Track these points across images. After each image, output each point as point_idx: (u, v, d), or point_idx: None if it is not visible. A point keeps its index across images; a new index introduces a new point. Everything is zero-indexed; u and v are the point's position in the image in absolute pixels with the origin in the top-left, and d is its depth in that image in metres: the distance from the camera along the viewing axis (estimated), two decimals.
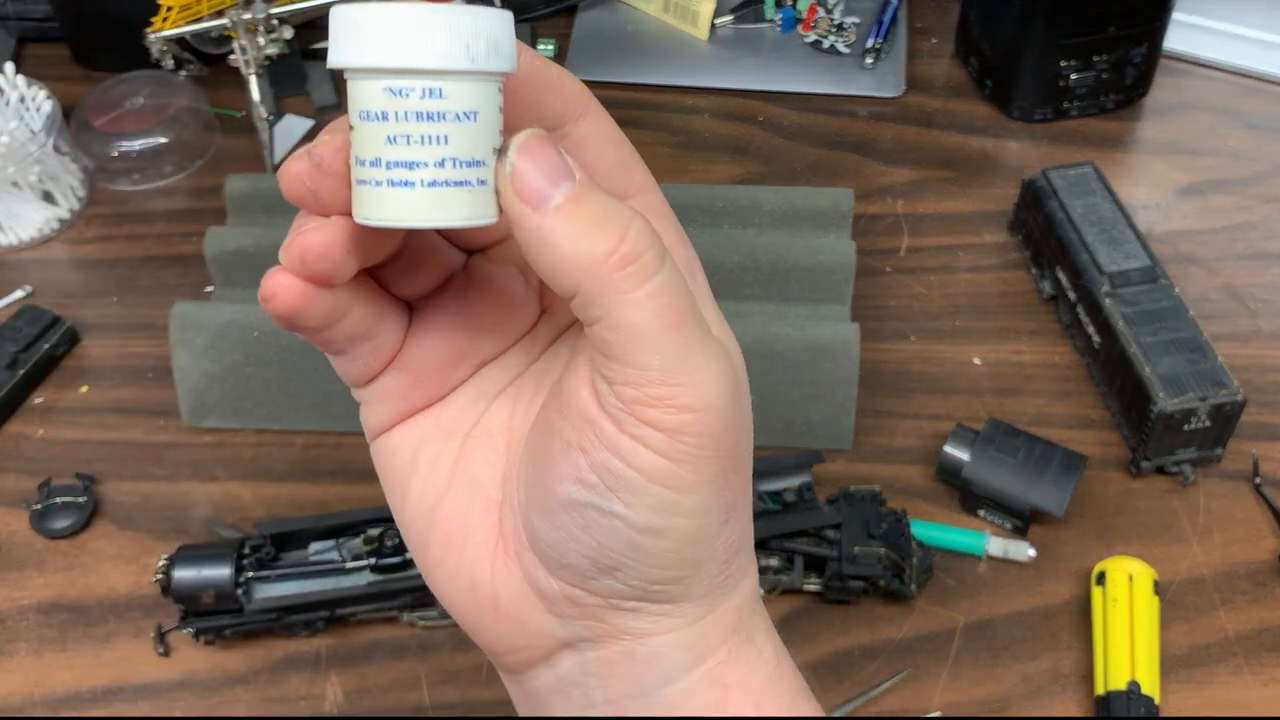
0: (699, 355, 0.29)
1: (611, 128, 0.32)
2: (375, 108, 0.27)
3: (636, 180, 0.33)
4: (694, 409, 0.29)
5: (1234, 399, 0.65)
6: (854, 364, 0.67)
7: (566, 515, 0.31)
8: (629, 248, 0.28)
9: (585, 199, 0.28)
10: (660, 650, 0.32)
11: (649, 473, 0.30)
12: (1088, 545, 0.65)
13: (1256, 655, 0.61)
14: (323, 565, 0.60)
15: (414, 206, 0.28)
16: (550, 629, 0.33)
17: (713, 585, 0.32)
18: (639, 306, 0.28)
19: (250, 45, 0.83)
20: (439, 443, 0.35)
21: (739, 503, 0.32)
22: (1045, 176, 0.76)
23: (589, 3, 0.96)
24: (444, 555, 0.34)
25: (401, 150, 0.27)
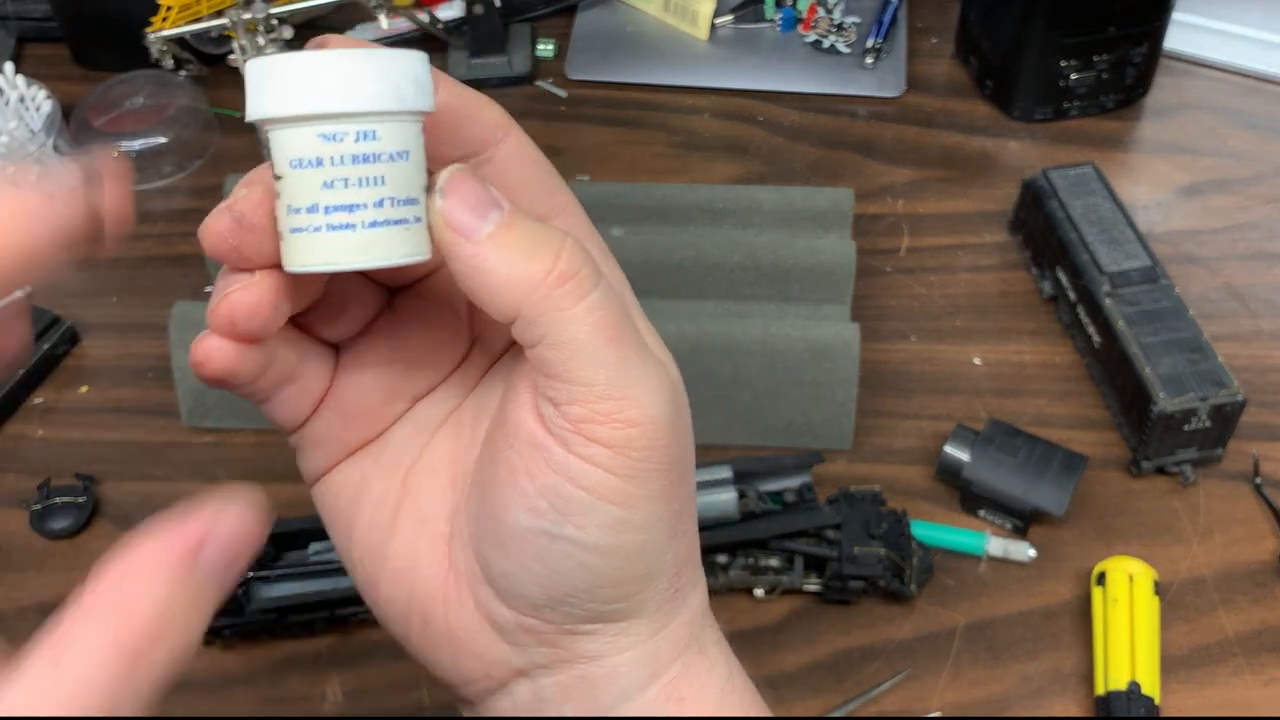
0: (639, 368, 0.30)
1: (532, 150, 0.33)
2: (309, 154, 0.28)
3: (559, 201, 0.33)
4: (639, 422, 0.30)
5: (1234, 399, 0.64)
6: (854, 364, 0.67)
7: (517, 545, 0.31)
8: (564, 265, 0.29)
9: (515, 225, 0.29)
10: (615, 670, 0.33)
11: (598, 491, 0.30)
12: (1088, 545, 0.65)
13: (1257, 655, 0.61)
14: (323, 565, 0.60)
15: (356, 248, 0.28)
16: (506, 658, 0.33)
17: (664, 599, 0.33)
18: (579, 322, 0.29)
19: (250, 45, 0.83)
20: (381, 480, 0.35)
21: (684, 514, 0.33)
22: (1045, 176, 0.76)
23: (589, 3, 0.96)
24: (394, 593, 0.34)
25: (339, 194, 0.28)
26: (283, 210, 0.28)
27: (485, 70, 0.91)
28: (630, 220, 0.74)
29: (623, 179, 0.84)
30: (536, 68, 0.92)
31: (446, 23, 0.92)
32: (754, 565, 0.62)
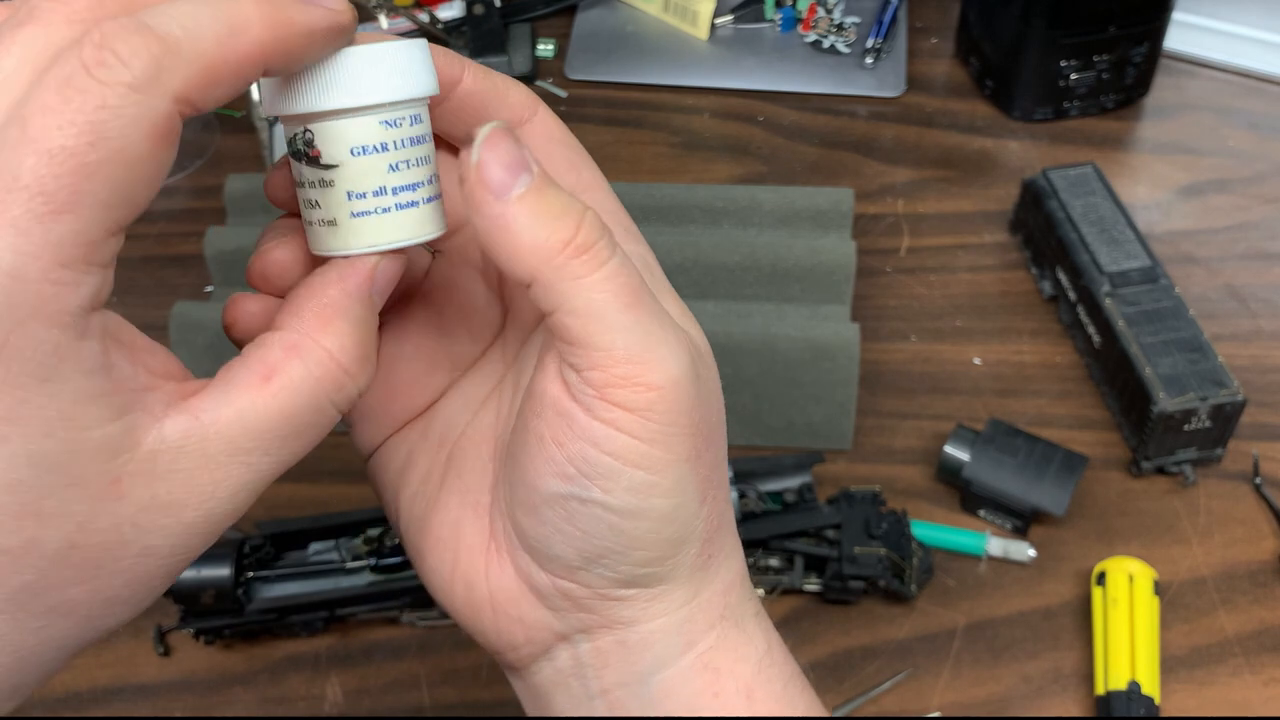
0: (658, 333, 0.30)
1: (559, 129, 0.34)
2: (373, 141, 0.29)
3: (585, 178, 0.34)
4: (660, 385, 0.30)
5: (1234, 399, 0.65)
6: (854, 364, 0.67)
7: (549, 509, 0.32)
8: (583, 237, 0.29)
9: (543, 191, 0.29)
10: (650, 637, 0.34)
11: (624, 456, 0.30)
12: (1088, 545, 0.65)
13: (1257, 655, 0.61)
14: (323, 565, 0.60)
15: (420, 221, 0.30)
16: (546, 623, 0.34)
17: (696, 565, 0.33)
18: (596, 289, 0.29)
19: None
20: (428, 454, 0.36)
21: (714, 480, 0.33)
22: (1045, 176, 0.76)
23: (589, 3, 0.96)
24: (439, 562, 0.35)
25: (403, 175, 0.30)
26: (338, 197, 0.30)
27: None
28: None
29: (623, 179, 0.84)
30: (536, 68, 0.92)
31: (446, 23, 0.92)
32: (754, 565, 0.62)
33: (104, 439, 0.26)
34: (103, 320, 0.26)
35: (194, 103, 0.25)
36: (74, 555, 0.26)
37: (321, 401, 0.29)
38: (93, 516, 0.26)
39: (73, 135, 0.24)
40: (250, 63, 0.26)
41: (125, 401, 0.26)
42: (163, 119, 0.25)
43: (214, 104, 0.26)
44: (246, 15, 0.26)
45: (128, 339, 0.27)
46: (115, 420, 0.26)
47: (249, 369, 0.28)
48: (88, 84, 0.24)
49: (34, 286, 0.24)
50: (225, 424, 0.27)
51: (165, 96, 0.25)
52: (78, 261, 0.25)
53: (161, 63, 0.25)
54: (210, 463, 0.27)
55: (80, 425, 0.25)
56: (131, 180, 0.25)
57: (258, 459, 0.28)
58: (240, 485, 0.28)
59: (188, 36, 0.25)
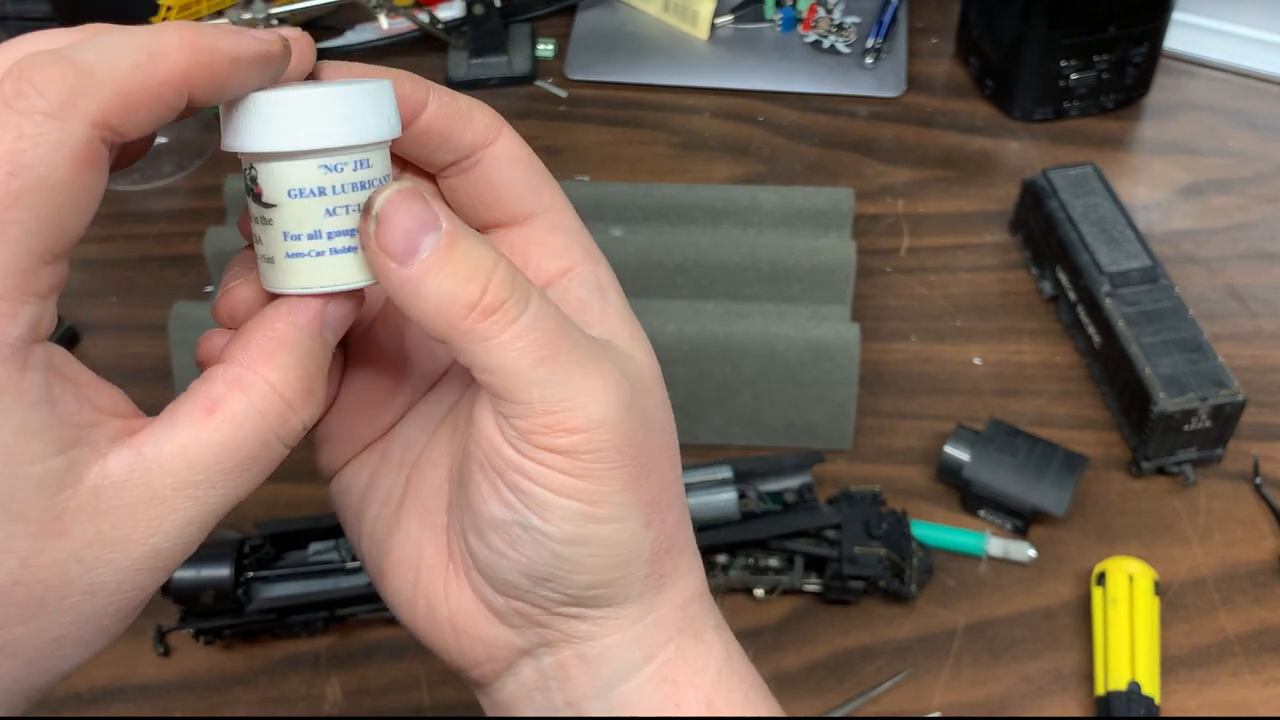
0: (578, 379, 0.30)
1: (521, 149, 0.34)
2: (311, 185, 0.29)
3: (545, 198, 0.34)
4: (583, 429, 0.30)
5: (1234, 399, 0.64)
6: (854, 364, 0.67)
7: (494, 534, 0.32)
8: (490, 298, 0.29)
9: (451, 250, 0.29)
10: (608, 651, 0.34)
11: (558, 490, 0.31)
12: (1088, 545, 0.65)
13: (1257, 655, 0.61)
14: (323, 565, 0.60)
15: (358, 268, 0.30)
16: (506, 639, 0.34)
17: (647, 586, 0.34)
18: (506, 349, 0.29)
19: None
20: (388, 476, 0.36)
21: (661, 503, 0.33)
22: (1045, 176, 0.76)
23: (589, 3, 0.96)
24: (400, 583, 0.35)
25: (342, 220, 0.29)
26: (275, 236, 0.30)
27: (485, 70, 0.91)
28: (630, 220, 0.74)
29: (623, 179, 0.84)
30: (536, 68, 0.92)
31: (446, 23, 0.92)
32: (754, 565, 0.62)
33: (46, 473, 0.25)
34: (47, 354, 0.26)
35: (114, 127, 0.25)
36: (17, 592, 0.26)
37: (265, 435, 0.29)
38: (36, 553, 0.26)
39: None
40: (169, 88, 0.26)
41: (69, 436, 0.26)
42: (82, 144, 0.25)
43: (139, 129, 0.26)
44: (166, 41, 0.26)
45: (73, 374, 0.27)
46: (58, 455, 0.26)
47: (193, 402, 0.28)
48: (6, 116, 0.24)
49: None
50: (169, 458, 0.27)
51: (82, 122, 0.25)
52: (12, 291, 0.24)
53: (76, 89, 0.25)
54: (155, 497, 0.27)
55: (23, 459, 0.25)
56: (56, 206, 0.25)
57: (204, 493, 0.28)
58: (187, 520, 0.28)
59: (103, 63, 0.25)
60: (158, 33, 0.26)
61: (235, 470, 0.28)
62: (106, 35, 0.26)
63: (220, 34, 0.27)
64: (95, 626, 0.27)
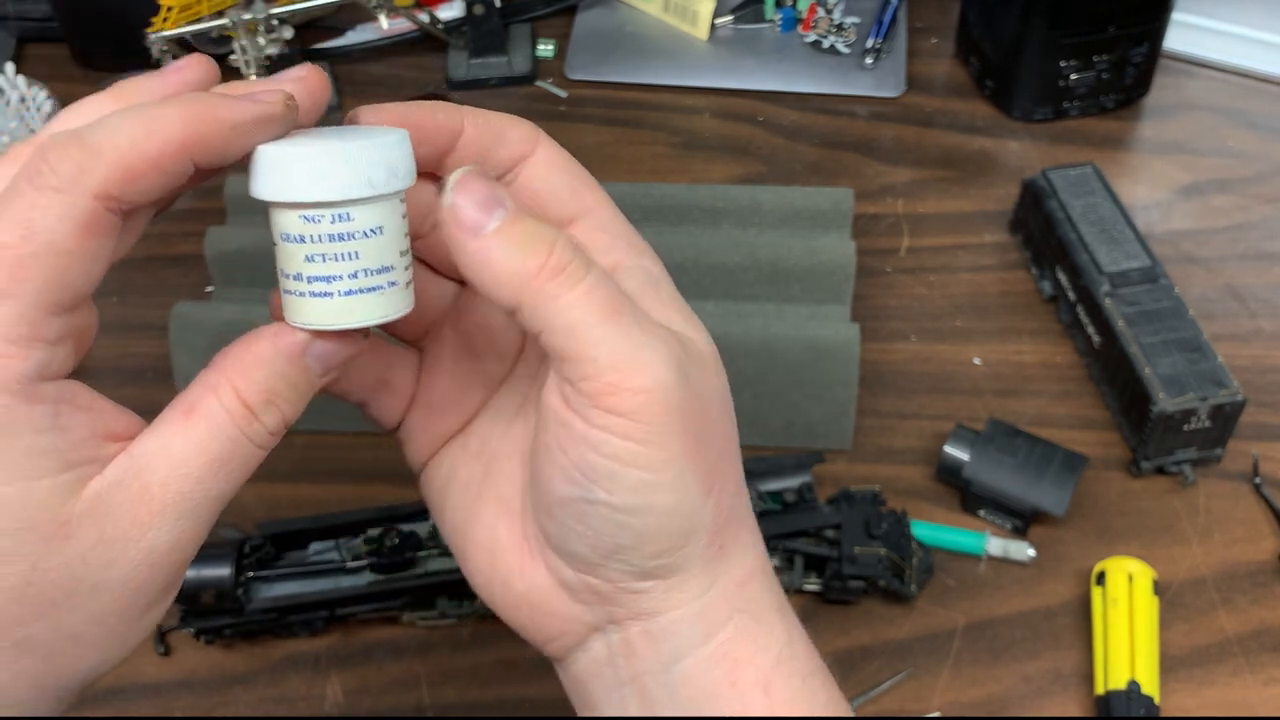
0: (639, 338, 0.32)
1: (561, 157, 0.37)
2: (294, 232, 0.32)
3: (588, 200, 0.37)
4: (646, 389, 0.32)
5: (1234, 399, 0.65)
6: (854, 364, 0.67)
7: (562, 511, 0.34)
8: (556, 260, 0.32)
9: (516, 223, 0.32)
10: (671, 627, 0.36)
11: (621, 458, 0.33)
12: (1088, 545, 0.65)
13: (1256, 655, 0.61)
14: (323, 565, 0.60)
15: (334, 312, 0.32)
16: (578, 615, 0.37)
17: (709, 556, 0.35)
18: (573, 306, 0.32)
19: (250, 45, 0.83)
20: (467, 466, 0.39)
21: (719, 472, 0.35)
22: (1045, 176, 0.76)
23: (589, 3, 0.96)
24: (479, 564, 0.38)
25: (319, 266, 0.32)
26: (278, 271, 0.33)
27: (485, 70, 0.91)
28: (630, 220, 0.74)
29: (623, 179, 0.84)
30: (536, 68, 0.92)
31: (446, 23, 0.92)
32: None
33: (53, 487, 0.29)
34: (59, 389, 0.30)
35: (117, 198, 0.29)
36: (29, 591, 0.29)
37: (233, 433, 0.32)
38: (45, 555, 0.29)
39: (9, 232, 0.28)
40: (169, 158, 0.29)
41: (76, 456, 0.30)
42: (86, 214, 0.29)
43: (144, 195, 0.29)
44: (166, 116, 0.29)
45: (87, 404, 0.31)
46: (64, 471, 0.29)
47: (175, 407, 0.32)
48: (24, 189, 0.29)
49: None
50: (154, 455, 0.31)
51: (85, 194, 0.28)
52: (23, 338, 0.28)
53: (82, 166, 0.28)
54: (146, 494, 0.30)
55: (31, 475, 0.29)
56: (63, 269, 0.29)
57: (190, 487, 0.31)
58: (176, 515, 0.31)
59: (108, 140, 0.29)
60: (162, 108, 0.29)
61: (214, 466, 0.31)
62: (117, 113, 0.29)
63: (220, 103, 0.30)
64: (105, 627, 0.31)
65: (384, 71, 0.92)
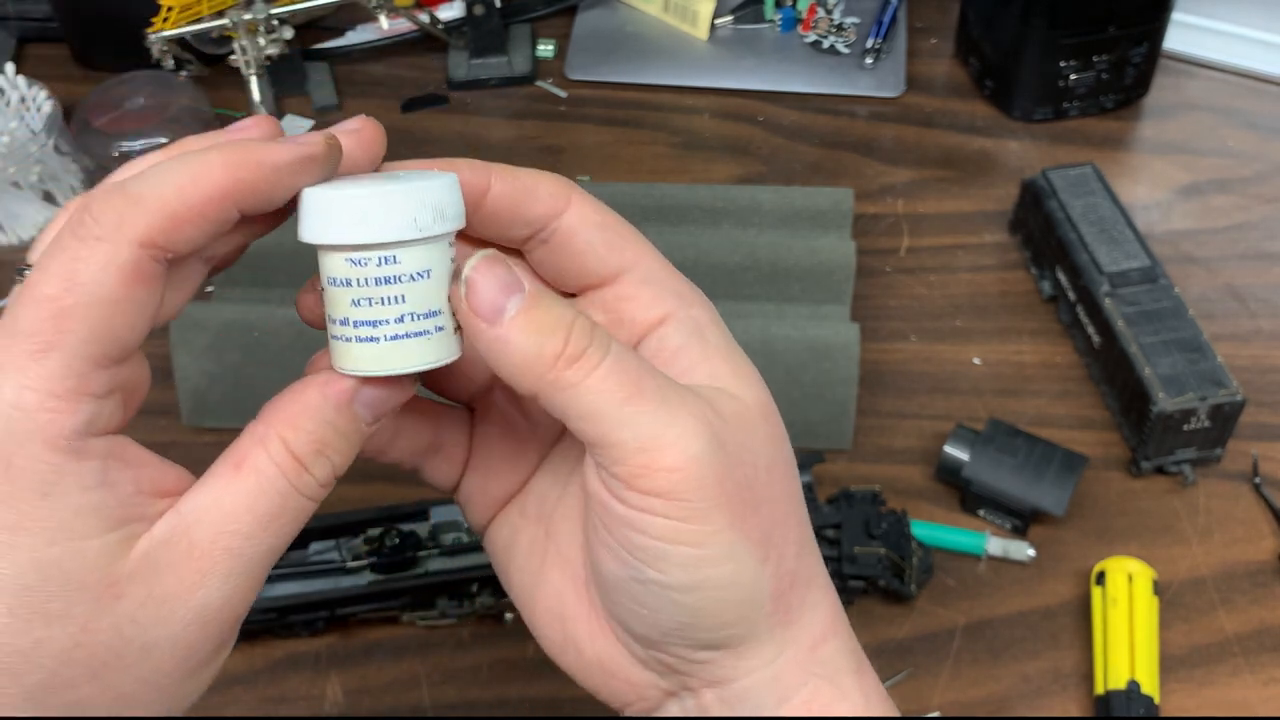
0: (665, 415, 0.31)
1: (595, 212, 0.35)
2: (340, 275, 0.31)
3: (629, 255, 0.35)
4: (679, 466, 0.31)
5: (1234, 399, 0.65)
6: (854, 364, 0.67)
7: (617, 591, 0.34)
8: (572, 347, 0.31)
9: (533, 310, 0.31)
10: (745, 693, 0.35)
11: (665, 537, 0.32)
12: (1088, 545, 0.65)
13: (1256, 655, 0.61)
14: (323, 565, 0.60)
15: (381, 358, 0.31)
16: (651, 682, 0.36)
17: (775, 622, 0.34)
18: (592, 391, 0.31)
19: (250, 45, 0.84)
20: (527, 529, 0.38)
21: (775, 536, 0.33)
22: (1045, 176, 0.76)
23: (589, 3, 0.96)
24: (549, 630, 0.37)
25: (365, 311, 0.31)
26: (325, 318, 0.32)
27: (485, 70, 0.91)
28: (630, 220, 0.74)
29: (623, 179, 0.84)
30: (536, 68, 0.92)
31: (447, 23, 0.92)
32: None
33: (102, 547, 0.29)
34: (107, 444, 0.29)
35: (161, 245, 0.29)
36: (79, 654, 0.28)
37: (283, 486, 0.31)
38: (95, 616, 0.28)
39: (54, 284, 0.28)
40: (214, 204, 0.29)
41: (124, 514, 0.29)
42: (129, 263, 0.28)
43: (190, 244, 0.29)
44: (210, 163, 0.29)
45: (135, 459, 0.30)
46: (113, 530, 0.29)
47: (224, 460, 0.31)
48: (69, 242, 0.28)
49: (33, 414, 0.28)
50: (204, 511, 0.30)
51: (128, 244, 0.28)
52: (69, 393, 0.28)
53: (124, 215, 0.28)
54: (195, 551, 0.30)
55: (79, 535, 0.28)
56: (108, 319, 0.28)
57: (239, 543, 0.30)
58: (227, 572, 0.30)
59: (151, 190, 0.29)
60: (203, 154, 0.29)
61: (264, 520, 0.31)
62: (160, 163, 0.29)
63: (261, 147, 0.30)
64: (155, 687, 0.30)
65: (384, 71, 0.92)
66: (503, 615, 0.61)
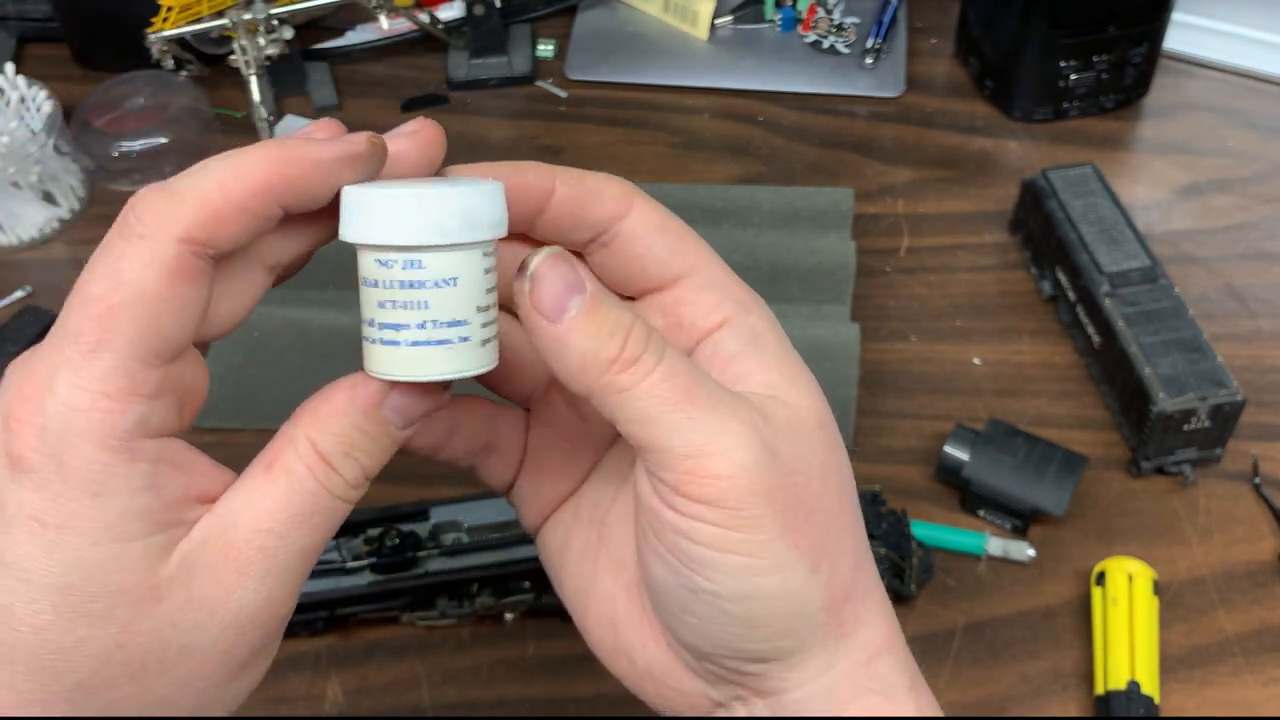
0: (715, 422, 0.31)
1: (657, 216, 0.35)
2: (369, 276, 0.31)
3: (689, 259, 0.35)
4: (727, 474, 0.31)
5: (1234, 399, 0.65)
6: (854, 364, 0.67)
7: (667, 599, 0.33)
8: (630, 350, 0.31)
9: (594, 310, 0.31)
10: (799, 705, 0.34)
11: (714, 545, 0.31)
12: (1088, 545, 0.65)
13: (1256, 655, 0.61)
14: (323, 565, 0.60)
15: (401, 362, 0.31)
16: (703, 690, 0.35)
17: (826, 634, 0.34)
18: (644, 396, 0.31)
19: (250, 45, 0.83)
20: (580, 532, 0.38)
21: (827, 547, 0.33)
22: (1045, 176, 0.76)
23: (589, 3, 0.96)
24: (602, 635, 0.37)
25: (389, 313, 0.31)
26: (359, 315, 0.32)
27: (485, 70, 0.91)
28: None
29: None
30: (536, 68, 0.92)
31: (447, 23, 0.92)
32: None
33: (145, 549, 0.29)
34: (159, 447, 0.29)
35: (203, 241, 0.29)
36: (120, 654, 0.29)
37: (312, 486, 0.31)
38: (135, 618, 0.29)
39: (101, 284, 0.28)
40: (254, 199, 0.29)
41: (169, 518, 0.29)
42: (172, 259, 0.28)
43: (233, 239, 0.29)
44: (253, 159, 0.30)
45: (185, 464, 0.30)
46: (157, 533, 0.29)
47: (258, 462, 0.31)
48: (115, 242, 0.29)
49: (84, 414, 0.28)
50: (238, 512, 0.30)
51: (170, 239, 0.28)
52: (120, 392, 0.28)
53: (166, 212, 0.29)
54: (231, 552, 0.30)
55: (124, 536, 0.28)
56: (154, 316, 0.28)
57: (273, 543, 0.30)
58: (263, 572, 0.30)
59: (193, 187, 0.29)
60: (246, 151, 0.30)
61: (295, 520, 0.31)
62: (207, 162, 0.30)
63: (303, 144, 0.30)
64: (194, 690, 0.30)
65: (384, 72, 0.92)
66: (502, 615, 0.61)
